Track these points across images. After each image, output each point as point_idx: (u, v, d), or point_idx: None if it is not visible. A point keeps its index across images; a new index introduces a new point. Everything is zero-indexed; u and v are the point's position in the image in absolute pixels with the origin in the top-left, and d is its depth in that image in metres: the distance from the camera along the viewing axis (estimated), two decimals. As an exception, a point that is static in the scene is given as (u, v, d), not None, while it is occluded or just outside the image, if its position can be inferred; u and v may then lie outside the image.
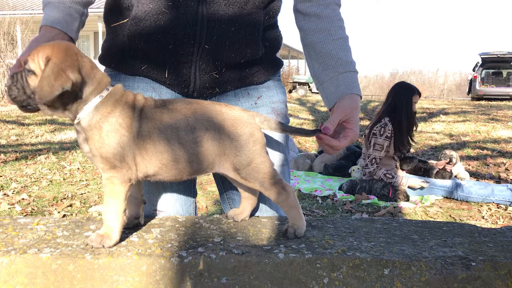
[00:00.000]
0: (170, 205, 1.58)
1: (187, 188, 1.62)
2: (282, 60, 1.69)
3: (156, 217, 1.52)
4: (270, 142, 1.52)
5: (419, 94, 4.99)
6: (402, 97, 4.88)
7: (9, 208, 4.21)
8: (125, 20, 1.45)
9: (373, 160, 4.77)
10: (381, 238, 1.38)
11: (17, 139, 7.93)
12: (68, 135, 8.43)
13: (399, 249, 1.28)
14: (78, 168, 5.89)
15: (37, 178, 5.35)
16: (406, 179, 4.77)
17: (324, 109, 13.43)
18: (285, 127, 1.37)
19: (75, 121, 1.23)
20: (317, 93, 25.84)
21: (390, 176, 4.75)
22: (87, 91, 1.21)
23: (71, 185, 5.14)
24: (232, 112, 1.31)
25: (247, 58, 1.48)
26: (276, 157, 1.55)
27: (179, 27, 1.39)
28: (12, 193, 4.70)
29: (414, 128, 4.98)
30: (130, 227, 1.38)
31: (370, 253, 1.24)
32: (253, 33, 1.46)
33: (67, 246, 1.23)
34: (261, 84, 1.59)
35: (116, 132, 1.21)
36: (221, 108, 1.30)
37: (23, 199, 4.51)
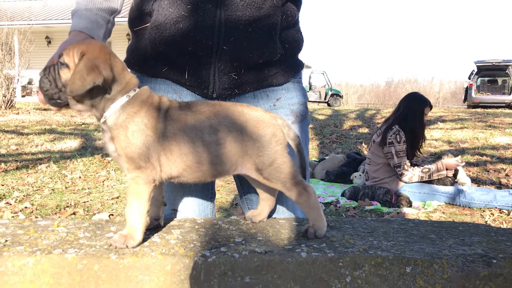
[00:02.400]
0: (188, 206, 1.60)
1: (205, 189, 1.63)
2: (303, 62, 1.71)
3: (174, 219, 1.53)
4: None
5: (431, 107, 5.04)
6: (414, 107, 4.91)
7: (13, 217, 4.19)
8: (147, 25, 1.48)
9: (405, 166, 4.80)
10: (400, 237, 1.39)
11: (17, 149, 7.90)
12: (68, 144, 8.41)
13: (419, 248, 1.29)
14: (80, 177, 5.88)
15: (39, 187, 5.33)
16: (442, 163, 4.83)
17: (322, 117, 13.47)
18: (299, 143, 1.37)
19: (102, 120, 1.25)
20: (314, 101, 26.01)
21: (427, 170, 4.85)
22: (116, 90, 1.23)
23: (74, 193, 5.12)
24: (255, 113, 1.32)
25: (265, 58, 1.50)
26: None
27: (198, 29, 1.43)
28: (15, 202, 4.68)
29: (423, 141, 5.01)
30: (151, 228, 1.39)
31: (391, 252, 1.25)
32: (270, 33, 1.48)
33: (90, 246, 1.24)
34: (280, 86, 1.60)
35: (142, 132, 1.22)
36: (243, 109, 1.32)
37: (26, 207, 4.49)
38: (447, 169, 4.88)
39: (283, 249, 1.26)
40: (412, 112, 4.89)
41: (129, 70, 1.31)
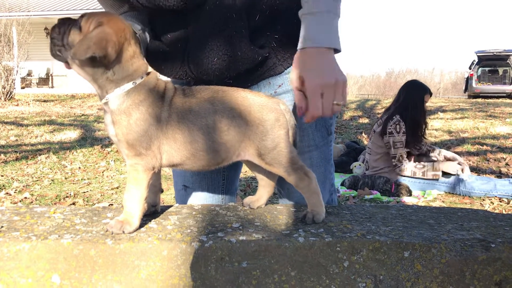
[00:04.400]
0: (199, 183, 1.65)
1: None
2: None
3: (173, 205, 1.53)
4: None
5: (430, 94, 5.02)
6: (414, 95, 4.90)
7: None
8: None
9: (400, 157, 4.80)
10: (398, 223, 1.38)
11: (17, 140, 7.90)
12: (67, 135, 8.40)
13: (417, 233, 1.28)
14: (79, 168, 5.87)
15: (39, 178, 5.33)
16: (439, 166, 4.82)
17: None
18: (295, 133, 1.36)
19: (103, 101, 1.23)
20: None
21: (421, 166, 4.83)
22: (119, 75, 1.21)
23: (73, 184, 5.13)
24: (258, 98, 1.31)
25: (242, 70, 1.44)
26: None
27: (171, 69, 1.49)
28: (14, 192, 4.68)
29: (425, 127, 4.99)
30: (147, 214, 1.38)
31: (390, 237, 1.24)
32: (234, 55, 1.40)
33: (87, 232, 1.23)
34: (283, 72, 1.52)
35: (145, 121, 1.21)
36: (246, 94, 1.31)
37: (25, 198, 4.49)
38: (445, 173, 4.86)
39: (280, 234, 1.25)
40: (413, 100, 4.88)
41: (143, 59, 1.29)
